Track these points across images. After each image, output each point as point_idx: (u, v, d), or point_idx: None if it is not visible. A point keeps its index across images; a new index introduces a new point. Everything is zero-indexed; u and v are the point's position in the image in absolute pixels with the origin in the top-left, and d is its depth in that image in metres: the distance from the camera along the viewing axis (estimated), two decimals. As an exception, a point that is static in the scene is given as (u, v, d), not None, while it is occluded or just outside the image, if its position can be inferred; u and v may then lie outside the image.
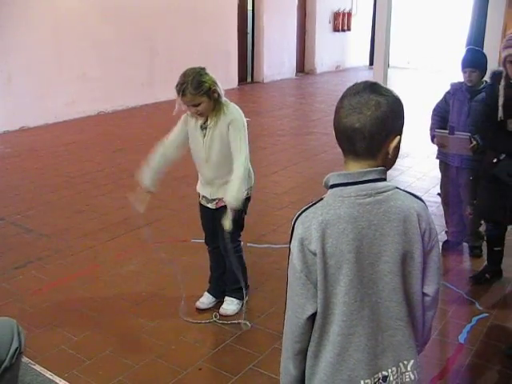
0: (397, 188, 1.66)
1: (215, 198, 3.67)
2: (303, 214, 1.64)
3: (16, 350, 2.52)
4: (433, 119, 4.72)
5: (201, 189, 3.77)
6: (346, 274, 1.59)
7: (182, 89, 3.37)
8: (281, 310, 3.87)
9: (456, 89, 4.55)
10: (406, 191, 1.69)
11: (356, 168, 1.62)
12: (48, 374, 3.20)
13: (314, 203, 1.64)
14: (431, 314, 1.80)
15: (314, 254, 1.58)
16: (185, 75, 3.40)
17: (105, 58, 10.80)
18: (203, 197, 3.75)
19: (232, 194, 3.43)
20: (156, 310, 3.95)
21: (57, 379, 3.16)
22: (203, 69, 3.47)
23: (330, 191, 1.64)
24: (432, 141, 4.62)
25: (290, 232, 1.67)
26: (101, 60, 10.73)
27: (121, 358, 3.40)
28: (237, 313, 3.85)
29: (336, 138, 1.65)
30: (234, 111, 3.53)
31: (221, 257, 3.88)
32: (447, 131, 4.44)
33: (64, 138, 9.09)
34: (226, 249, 3.72)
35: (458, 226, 4.81)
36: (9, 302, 4.02)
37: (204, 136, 3.54)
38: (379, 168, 1.62)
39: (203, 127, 3.55)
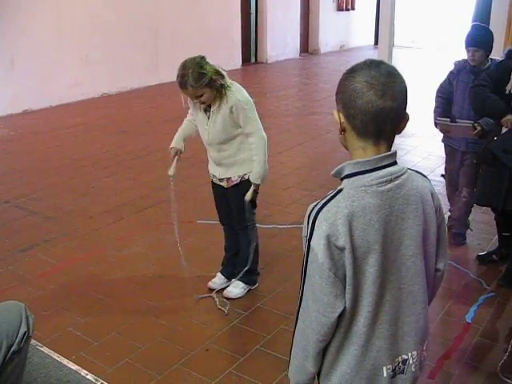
0: (408, 169, 1.62)
1: (224, 177, 3.68)
2: (324, 208, 1.54)
3: (24, 334, 2.52)
4: (436, 101, 4.58)
5: (211, 168, 3.77)
6: (373, 264, 1.54)
7: (183, 82, 3.34)
8: (288, 290, 3.90)
9: (459, 69, 4.43)
10: (414, 170, 1.66)
11: (373, 152, 1.55)
12: (55, 356, 3.21)
13: (332, 196, 1.56)
14: (438, 287, 1.83)
15: (341, 250, 1.51)
16: (184, 67, 3.34)
17: (108, 40, 10.72)
18: (214, 176, 3.76)
19: (255, 175, 3.54)
20: (162, 291, 3.96)
21: (64, 361, 3.17)
22: (203, 58, 3.41)
23: (348, 181, 1.56)
24: (435, 125, 4.53)
25: (309, 229, 1.56)
26: (104, 42, 10.65)
27: (128, 339, 3.41)
28: (240, 297, 3.85)
29: (359, 121, 1.53)
30: (236, 94, 3.46)
31: (235, 236, 3.89)
32: (449, 119, 4.35)
33: (68, 120, 9.06)
34: (241, 225, 3.76)
35: None
36: (15, 285, 4.03)
37: (208, 119, 3.53)
38: (393, 151, 1.58)
39: (207, 110, 3.53)
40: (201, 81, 3.32)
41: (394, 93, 1.51)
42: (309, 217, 1.57)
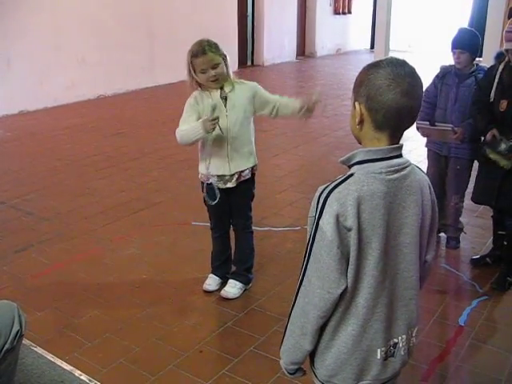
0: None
1: (235, 171, 3.60)
2: (335, 190, 1.61)
3: (17, 332, 2.53)
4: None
5: (216, 169, 3.59)
6: (376, 247, 1.62)
7: (201, 49, 3.40)
8: (282, 292, 3.91)
9: (445, 73, 4.40)
10: (414, 165, 1.74)
11: (386, 144, 1.64)
12: (49, 357, 3.21)
13: (344, 180, 1.63)
14: (426, 278, 1.91)
15: (349, 230, 1.59)
16: (200, 42, 3.45)
17: (104, 42, 10.73)
18: (221, 177, 3.60)
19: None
20: (157, 292, 3.96)
21: (58, 361, 3.17)
22: None
23: (359, 167, 1.64)
24: (417, 129, 4.45)
25: (319, 209, 1.62)
26: (100, 44, 10.66)
27: (121, 340, 3.41)
28: (237, 297, 3.86)
29: (382, 116, 1.61)
30: (249, 82, 3.64)
31: (227, 241, 3.93)
32: (428, 122, 4.33)
33: (64, 121, 9.06)
34: (244, 225, 3.80)
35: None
36: (10, 286, 4.02)
37: (225, 105, 3.51)
38: (401, 144, 1.67)
39: (222, 97, 3.52)
40: (219, 48, 3.46)
41: (416, 92, 1.62)
42: (319, 197, 1.64)
